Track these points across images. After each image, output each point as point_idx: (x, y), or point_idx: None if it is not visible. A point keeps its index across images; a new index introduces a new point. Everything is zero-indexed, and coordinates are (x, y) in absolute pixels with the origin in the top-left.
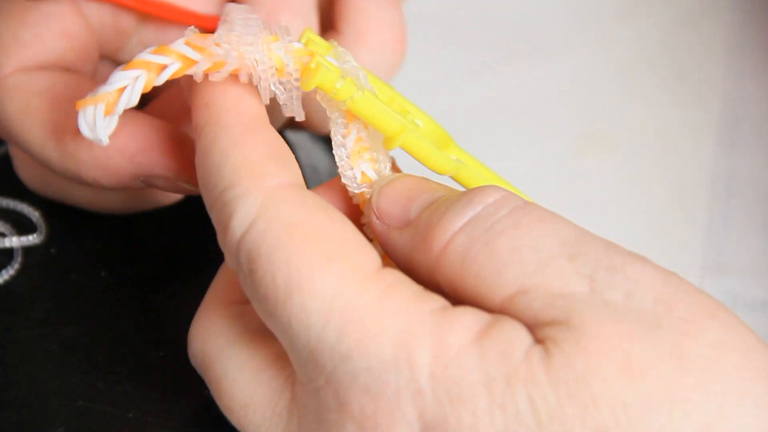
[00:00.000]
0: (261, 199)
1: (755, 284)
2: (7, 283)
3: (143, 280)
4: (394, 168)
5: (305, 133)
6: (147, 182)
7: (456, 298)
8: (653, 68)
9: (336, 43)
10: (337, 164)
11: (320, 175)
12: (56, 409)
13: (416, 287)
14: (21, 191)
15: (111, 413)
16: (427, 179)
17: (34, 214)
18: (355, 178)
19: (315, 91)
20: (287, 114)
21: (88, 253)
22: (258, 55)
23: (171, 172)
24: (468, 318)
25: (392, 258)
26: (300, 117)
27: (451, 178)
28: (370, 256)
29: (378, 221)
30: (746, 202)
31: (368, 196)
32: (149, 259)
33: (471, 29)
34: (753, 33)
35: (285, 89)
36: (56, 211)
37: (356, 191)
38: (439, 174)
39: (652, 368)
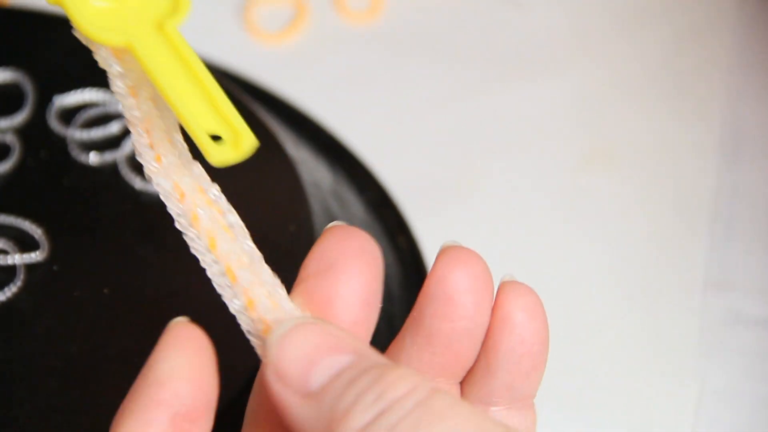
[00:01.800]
0: None
1: (758, 301)
2: (10, 301)
3: (146, 297)
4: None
5: (307, 149)
6: None
7: None
8: (655, 85)
9: None
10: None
11: (322, 192)
12: (59, 426)
13: None
14: (23, 208)
15: None
16: (329, 327)
17: (36, 231)
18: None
19: None
20: None
21: (91, 270)
22: None
23: None
24: None
25: (286, 421)
26: None
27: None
28: None
29: (275, 380)
30: (749, 219)
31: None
32: (152, 276)
33: (472, 47)
34: (755, 50)
35: None
36: (59, 228)
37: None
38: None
39: None
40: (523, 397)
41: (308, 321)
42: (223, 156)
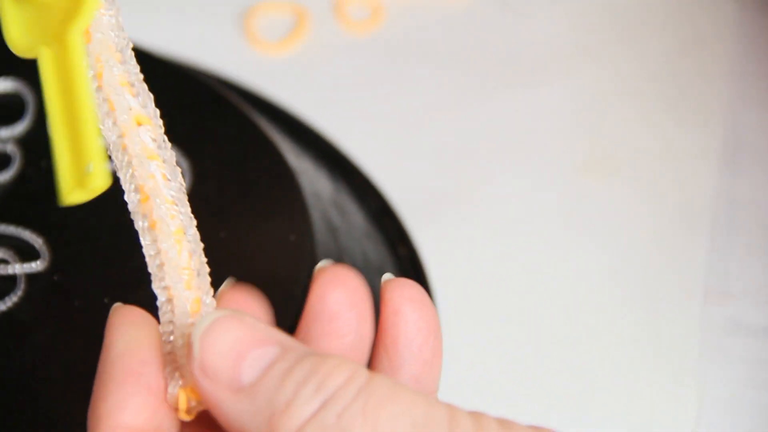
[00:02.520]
0: None
1: (759, 310)
2: (11, 310)
3: (146, 308)
4: None
5: (307, 159)
6: None
7: None
8: (656, 91)
9: None
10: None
11: (323, 202)
12: None
13: None
14: (24, 218)
15: None
16: (250, 319)
17: (37, 240)
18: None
19: None
20: None
21: (92, 280)
22: None
23: None
24: None
25: (219, 420)
26: None
27: None
28: None
29: (203, 377)
30: (749, 228)
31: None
32: (151, 287)
33: (472, 55)
34: (755, 59)
35: None
36: (59, 238)
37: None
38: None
39: None
40: (431, 391)
41: (228, 314)
42: (70, 196)
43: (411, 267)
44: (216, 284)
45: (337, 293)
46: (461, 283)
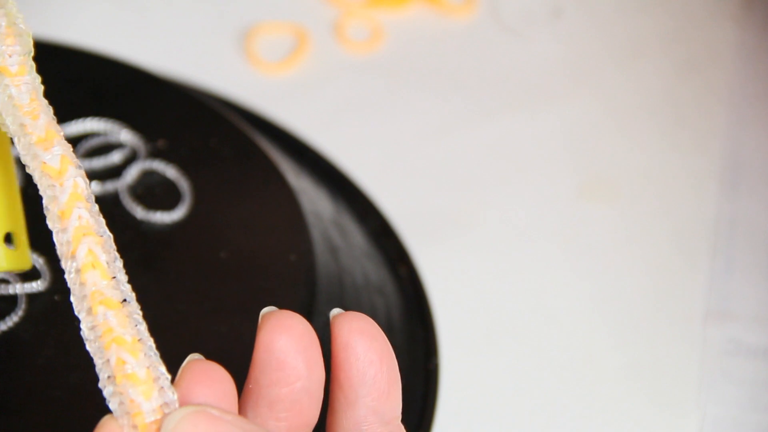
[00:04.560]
0: None
1: (758, 331)
2: (11, 330)
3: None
4: None
5: (307, 179)
6: None
7: None
8: (654, 115)
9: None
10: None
11: (323, 221)
12: None
13: None
14: None
15: None
16: (216, 412)
17: (38, 260)
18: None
19: None
20: None
21: None
22: None
23: None
24: None
25: None
26: None
27: None
28: None
29: None
30: (749, 249)
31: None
32: (152, 305)
33: (472, 77)
34: (754, 80)
35: None
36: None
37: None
38: None
39: None
40: (390, 420)
41: (195, 410)
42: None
43: (411, 287)
44: (216, 306)
45: (283, 340)
46: (461, 303)
